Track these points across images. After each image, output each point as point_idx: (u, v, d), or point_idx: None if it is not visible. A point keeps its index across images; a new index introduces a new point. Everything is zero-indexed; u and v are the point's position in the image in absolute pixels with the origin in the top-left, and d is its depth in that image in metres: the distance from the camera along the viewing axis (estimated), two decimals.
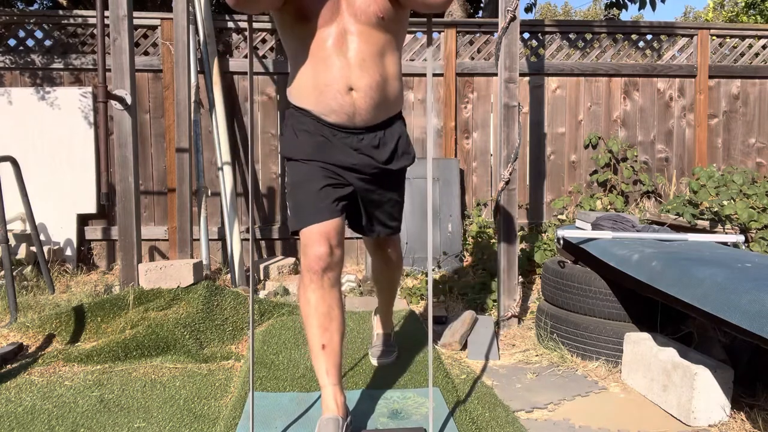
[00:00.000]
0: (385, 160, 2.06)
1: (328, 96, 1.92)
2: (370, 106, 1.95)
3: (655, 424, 2.15)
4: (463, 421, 2.04)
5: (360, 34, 1.90)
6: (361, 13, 1.89)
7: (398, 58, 2.03)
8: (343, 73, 1.90)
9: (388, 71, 1.98)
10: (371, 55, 1.91)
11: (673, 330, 2.59)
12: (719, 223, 3.96)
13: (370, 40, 1.91)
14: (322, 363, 1.92)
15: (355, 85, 1.91)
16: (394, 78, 2.01)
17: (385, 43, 1.95)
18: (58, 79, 4.73)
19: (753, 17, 10.26)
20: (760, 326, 1.75)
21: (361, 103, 1.94)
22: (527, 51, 5.10)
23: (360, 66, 1.90)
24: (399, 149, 2.10)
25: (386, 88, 1.98)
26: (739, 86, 5.16)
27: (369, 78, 1.92)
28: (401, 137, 2.11)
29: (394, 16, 1.94)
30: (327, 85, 1.91)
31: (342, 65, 1.89)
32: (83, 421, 2.10)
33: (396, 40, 2.01)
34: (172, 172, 4.55)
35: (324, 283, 1.90)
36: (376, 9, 1.89)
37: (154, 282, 3.29)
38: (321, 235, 1.91)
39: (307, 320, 1.94)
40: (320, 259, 1.89)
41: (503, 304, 3.28)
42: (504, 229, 3.28)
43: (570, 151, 5.09)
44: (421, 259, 4.44)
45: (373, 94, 1.94)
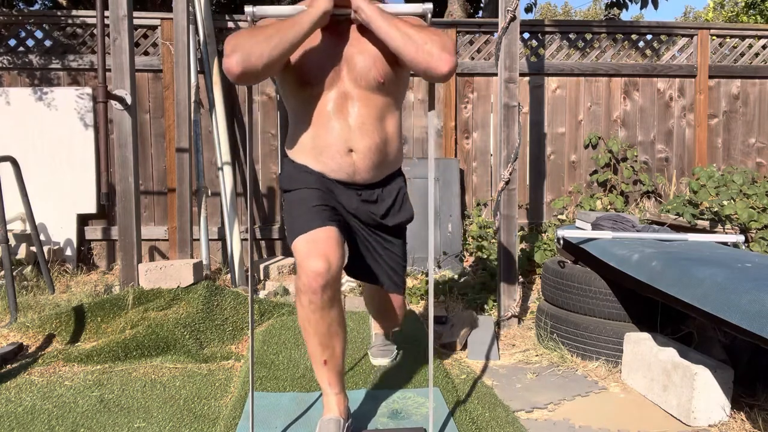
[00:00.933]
0: (382, 215, 2.07)
1: (327, 156, 1.93)
2: (369, 167, 1.96)
3: (655, 424, 2.15)
4: (463, 421, 2.04)
5: (360, 98, 1.90)
6: (362, 78, 1.89)
7: (398, 117, 2.03)
8: (343, 136, 1.90)
9: (388, 132, 1.98)
10: (371, 118, 1.92)
11: (673, 330, 2.59)
12: (719, 223, 3.96)
13: (370, 104, 1.91)
14: (324, 375, 1.90)
15: (354, 147, 1.92)
16: (394, 138, 2.01)
17: (385, 106, 1.95)
18: (56, 80, 4.73)
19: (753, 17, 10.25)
20: (760, 326, 1.75)
21: (360, 164, 1.94)
22: (527, 51, 5.10)
23: (360, 129, 1.91)
24: (396, 205, 2.10)
25: (386, 149, 1.98)
26: (739, 86, 5.16)
27: (369, 140, 1.92)
28: (399, 194, 2.11)
29: (394, 78, 1.94)
30: (327, 146, 1.92)
31: (342, 129, 1.90)
32: (83, 421, 2.10)
33: (396, 100, 2.01)
34: (172, 172, 4.55)
35: (324, 302, 1.78)
36: (377, 74, 1.89)
37: (154, 282, 3.29)
38: (316, 248, 1.80)
39: (307, 337, 1.86)
40: (318, 276, 1.75)
41: (503, 304, 3.28)
42: (504, 229, 3.28)
43: (570, 151, 5.09)
44: (421, 259, 4.44)
45: (373, 156, 1.95)
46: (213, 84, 4.44)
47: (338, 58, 1.90)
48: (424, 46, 1.77)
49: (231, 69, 1.71)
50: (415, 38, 1.78)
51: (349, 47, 1.90)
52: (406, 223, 2.16)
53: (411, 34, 1.78)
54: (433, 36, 1.79)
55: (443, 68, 1.76)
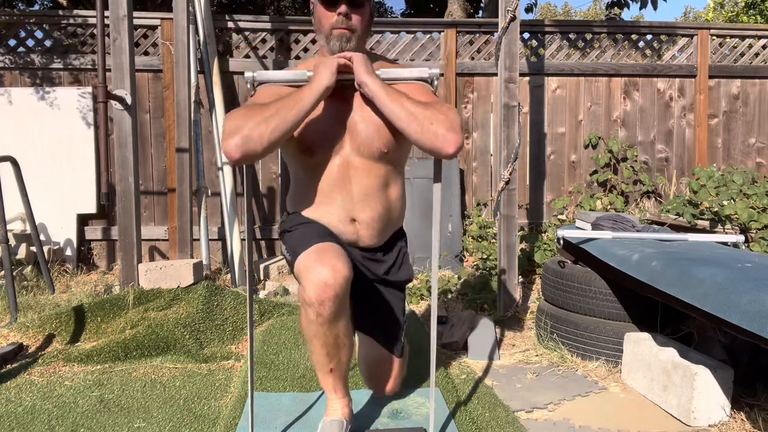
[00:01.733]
0: (383, 273, 2.05)
1: (329, 224, 1.91)
2: (372, 235, 1.95)
3: (655, 424, 2.15)
4: (463, 421, 2.04)
5: (363, 168, 1.87)
6: (365, 148, 1.85)
7: (401, 181, 2.00)
8: (345, 207, 1.89)
9: (392, 200, 1.96)
10: (374, 188, 1.89)
11: (673, 330, 2.59)
12: (719, 223, 3.96)
13: (372, 174, 1.88)
14: (329, 382, 1.88)
15: (357, 217, 1.90)
16: (397, 204, 1.99)
17: (389, 173, 1.92)
18: (58, 79, 4.73)
19: (753, 17, 10.26)
20: (760, 326, 1.75)
21: (363, 232, 1.94)
22: (527, 51, 5.11)
23: (363, 200, 1.88)
24: (396, 266, 2.08)
25: (389, 216, 1.97)
26: (739, 86, 5.16)
27: (371, 211, 1.90)
28: (399, 254, 2.09)
29: (398, 146, 1.89)
30: (329, 215, 1.90)
31: (344, 200, 1.88)
32: (83, 421, 2.10)
33: (400, 166, 1.98)
34: (172, 172, 4.55)
35: (331, 316, 1.68)
36: (380, 144, 1.85)
37: (154, 282, 3.29)
38: (322, 258, 1.69)
39: (313, 349, 1.80)
40: (327, 287, 1.64)
41: (503, 304, 3.28)
42: (504, 229, 3.28)
43: (570, 151, 5.09)
44: (421, 259, 4.44)
45: (376, 225, 1.93)
46: (213, 84, 4.44)
47: (341, 126, 1.86)
48: (429, 126, 1.71)
49: (230, 153, 1.65)
50: (419, 117, 1.71)
51: (353, 115, 1.86)
52: (405, 282, 2.13)
53: (416, 113, 1.72)
54: (439, 114, 1.72)
55: (449, 149, 1.71)
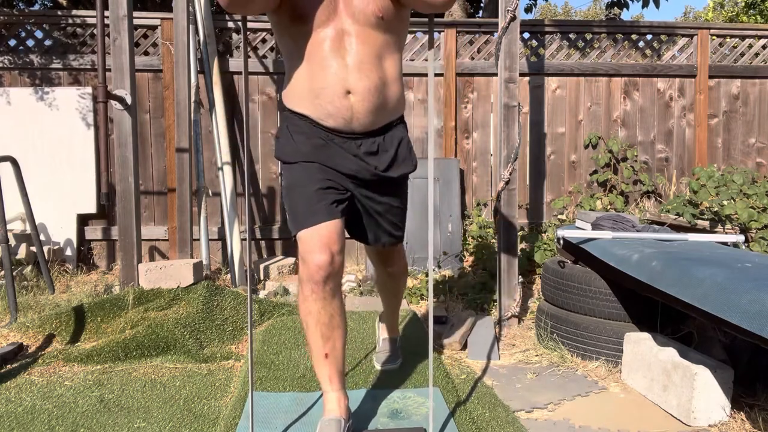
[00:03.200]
0: (385, 167, 1.97)
1: (324, 99, 1.85)
2: (368, 110, 1.87)
3: (655, 424, 2.15)
4: (463, 421, 2.04)
5: (358, 35, 1.82)
6: (359, 13, 1.80)
7: (399, 59, 1.95)
8: (340, 76, 1.82)
9: (388, 74, 1.89)
10: (370, 57, 1.83)
11: (673, 330, 2.59)
12: (719, 223, 3.96)
13: (368, 41, 1.83)
14: (324, 371, 1.89)
15: (352, 88, 1.83)
16: (395, 81, 1.92)
17: (385, 44, 1.87)
18: (57, 80, 4.73)
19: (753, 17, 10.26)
20: (760, 326, 1.75)
21: (359, 107, 1.85)
22: (527, 51, 5.10)
23: (358, 69, 1.82)
24: (399, 156, 2.01)
25: (385, 92, 1.90)
26: (739, 86, 5.16)
27: (367, 81, 1.84)
28: (401, 143, 2.02)
29: (395, 15, 1.85)
30: (323, 89, 1.84)
31: (339, 68, 1.81)
32: (83, 421, 2.10)
33: (396, 40, 1.91)
34: (172, 172, 4.55)
35: (326, 293, 1.83)
36: (375, 8, 1.80)
37: (154, 282, 3.29)
38: (321, 242, 1.82)
39: (308, 330, 1.87)
40: (321, 269, 1.80)
41: (503, 304, 3.28)
42: (504, 229, 3.28)
43: (570, 151, 5.09)
44: (421, 259, 4.44)
45: (372, 98, 1.86)
46: (213, 84, 4.44)
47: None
48: None
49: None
50: None
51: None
52: (409, 172, 2.08)
53: None
54: None
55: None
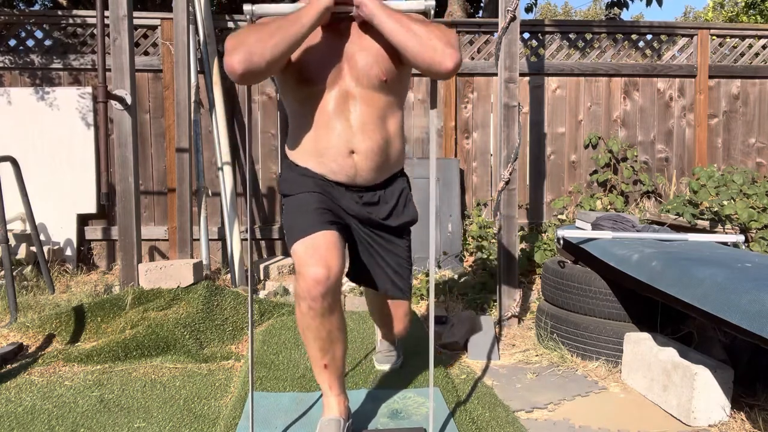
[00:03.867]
0: (384, 216, 2.03)
1: (328, 158, 1.90)
2: (371, 168, 1.93)
3: (655, 424, 2.15)
4: (463, 421, 2.04)
5: (362, 97, 1.86)
6: (363, 76, 1.85)
7: (401, 116, 1.99)
8: (345, 138, 1.87)
9: (390, 133, 1.94)
10: (373, 118, 1.88)
11: (673, 330, 2.59)
12: (719, 223, 3.96)
13: (372, 104, 1.87)
14: (324, 378, 1.89)
15: (356, 148, 1.88)
16: (396, 138, 1.97)
17: (388, 105, 1.91)
18: (57, 80, 4.73)
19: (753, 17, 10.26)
20: (760, 326, 1.75)
21: (362, 165, 1.91)
22: (527, 51, 5.10)
23: (362, 130, 1.87)
24: (399, 206, 2.06)
25: (388, 150, 1.95)
26: (739, 86, 5.16)
27: (370, 142, 1.89)
28: (402, 195, 2.07)
29: (397, 76, 1.90)
30: (328, 149, 1.89)
31: (343, 129, 1.86)
32: (83, 421, 2.10)
33: (399, 99, 1.97)
34: (172, 172, 4.55)
35: (324, 309, 1.76)
36: (379, 72, 1.85)
37: (154, 282, 3.28)
38: (317, 254, 1.76)
39: (307, 343, 1.85)
40: (318, 283, 1.72)
41: (503, 304, 3.28)
42: (504, 229, 3.28)
43: (570, 151, 5.09)
44: (421, 259, 4.44)
45: (375, 157, 1.91)
46: (213, 84, 4.44)
47: (339, 55, 1.86)
48: (428, 42, 1.73)
49: (233, 68, 1.67)
50: (419, 33, 1.74)
51: (351, 44, 1.87)
52: (410, 224, 2.12)
53: (415, 29, 1.75)
54: (437, 31, 1.75)
55: (448, 64, 1.73)
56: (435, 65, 1.74)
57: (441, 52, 1.73)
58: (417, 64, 1.78)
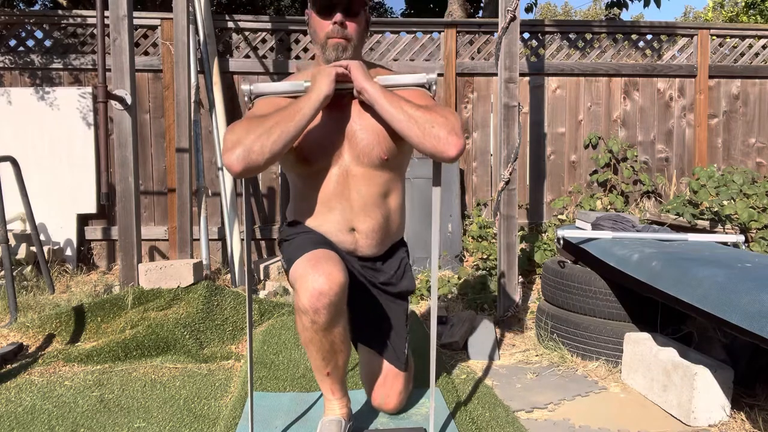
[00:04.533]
0: (382, 282, 2.02)
1: (329, 234, 1.90)
2: (371, 245, 1.93)
3: (655, 424, 2.15)
4: (463, 421, 2.04)
5: (363, 176, 1.85)
6: (364, 156, 1.83)
7: (402, 189, 1.98)
8: (345, 217, 1.87)
9: (391, 209, 1.94)
10: (374, 197, 1.87)
11: (673, 330, 2.59)
12: (719, 223, 3.96)
13: (372, 182, 1.86)
14: (326, 384, 1.88)
15: (357, 227, 1.89)
16: (397, 212, 1.97)
17: (389, 181, 1.90)
18: (57, 79, 4.73)
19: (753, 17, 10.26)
20: (760, 326, 1.75)
21: (362, 242, 1.92)
22: (527, 51, 5.10)
23: (362, 210, 1.87)
24: (397, 276, 2.05)
25: (388, 226, 1.95)
26: (739, 86, 5.16)
27: (371, 221, 1.89)
28: (400, 266, 2.06)
29: (398, 153, 1.88)
30: (328, 224, 1.89)
31: (344, 209, 1.86)
32: (83, 421, 2.10)
33: (400, 174, 1.96)
34: (172, 172, 4.55)
35: (326, 323, 1.68)
36: (380, 152, 1.83)
37: (154, 282, 3.28)
38: (317, 265, 1.67)
39: (309, 353, 1.81)
40: (321, 295, 1.63)
41: (503, 304, 3.29)
42: (504, 229, 3.28)
43: (570, 151, 5.09)
44: (420, 259, 4.44)
45: (375, 235, 1.92)
46: (213, 84, 4.44)
47: (340, 134, 1.84)
48: (431, 130, 1.69)
49: (232, 166, 1.64)
50: (421, 121, 1.70)
51: (352, 123, 1.84)
52: (407, 293, 2.10)
53: (417, 117, 1.71)
54: (440, 117, 1.72)
55: (451, 152, 1.70)
56: (438, 153, 1.72)
57: (444, 142, 1.70)
58: (420, 151, 1.76)
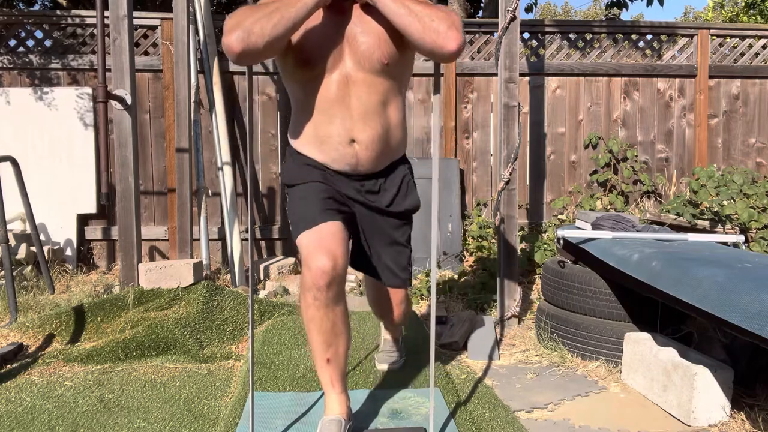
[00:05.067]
0: (387, 204, 2.02)
1: (329, 146, 1.89)
2: (372, 157, 1.91)
3: (655, 424, 2.15)
4: (463, 421, 2.04)
5: (363, 82, 1.83)
6: (365, 60, 1.81)
7: (402, 102, 1.97)
8: (345, 126, 1.85)
9: (392, 120, 1.91)
10: (374, 105, 1.85)
11: (673, 330, 2.59)
12: (719, 223, 3.96)
13: (373, 89, 1.84)
14: (326, 375, 1.88)
15: (357, 137, 1.87)
16: (398, 125, 1.95)
17: (389, 90, 1.88)
18: (56, 80, 4.73)
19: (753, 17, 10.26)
20: (760, 326, 1.75)
21: (363, 154, 1.90)
22: (527, 51, 5.10)
23: (362, 119, 1.85)
24: (401, 193, 2.05)
25: (389, 138, 1.93)
26: (739, 86, 5.16)
27: (371, 131, 1.87)
28: (403, 182, 2.06)
29: (399, 60, 1.86)
30: (329, 137, 1.87)
31: (344, 117, 1.84)
32: (83, 421, 2.10)
33: (401, 84, 1.93)
34: (172, 172, 4.54)
35: (329, 300, 1.78)
36: (381, 56, 1.81)
37: (154, 282, 3.28)
38: (322, 244, 1.79)
39: (310, 335, 1.85)
40: (325, 274, 1.74)
41: (503, 304, 3.28)
42: (504, 229, 3.28)
43: (570, 151, 5.09)
44: (421, 259, 4.44)
45: (376, 147, 1.89)
46: (213, 84, 4.44)
47: (340, 37, 1.81)
48: (431, 24, 1.69)
49: (231, 47, 1.63)
50: (421, 15, 1.70)
51: (352, 26, 1.81)
52: (412, 211, 2.10)
53: (417, 11, 1.71)
54: (440, 13, 1.72)
55: (451, 46, 1.69)
56: (438, 48, 1.71)
57: (444, 35, 1.69)
58: (419, 47, 1.76)
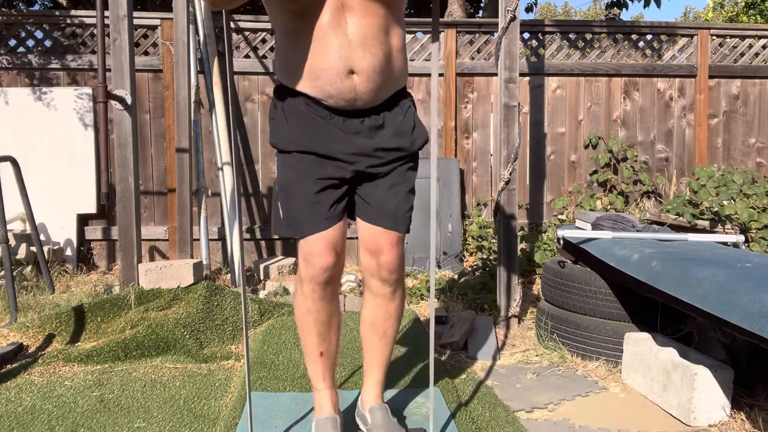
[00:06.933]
0: (388, 139, 1.82)
1: (325, 81, 1.68)
2: (372, 89, 1.72)
3: (655, 424, 2.15)
4: (463, 421, 2.04)
5: (360, 7, 1.64)
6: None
7: (402, 29, 1.78)
8: (343, 55, 1.65)
9: (393, 47, 1.73)
10: (374, 30, 1.67)
11: (673, 330, 2.59)
12: (719, 223, 3.96)
13: (371, 14, 1.65)
14: (318, 368, 1.88)
15: (356, 67, 1.67)
16: (399, 53, 1.77)
17: (388, 16, 1.69)
18: (55, 80, 4.73)
19: (753, 17, 10.26)
20: (760, 326, 1.75)
21: (362, 87, 1.70)
22: (527, 51, 5.10)
23: (362, 45, 1.66)
24: (406, 124, 1.87)
25: (390, 67, 1.74)
26: (739, 86, 5.16)
27: (372, 58, 1.67)
28: (407, 114, 1.88)
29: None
30: (324, 69, 1.67)
31: (341, 45, 1.65)
32: (83, 421, 2.10)
33: (398, 11, 1.76)
34: (172, 172, 4.54)
35: (326, 294, 1.80)
36: None
37: (154, 282, 3.28)
38: (326, 245, 1.77)
39: (305, 328, 1.84)
40: (326, 270, 1.76)
41: (503, 304, 3.28)
42: (504, 229, 3.28)
43: (570, 151, 5.09)
44: (421, 259, 4.44)
45: (376, 77, 1.70)
46: (213, 84, 4.44)
47: None
48: None
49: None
50: None
51: None
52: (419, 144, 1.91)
53: None
54: None
55: None
56: None
57: None
58: None
